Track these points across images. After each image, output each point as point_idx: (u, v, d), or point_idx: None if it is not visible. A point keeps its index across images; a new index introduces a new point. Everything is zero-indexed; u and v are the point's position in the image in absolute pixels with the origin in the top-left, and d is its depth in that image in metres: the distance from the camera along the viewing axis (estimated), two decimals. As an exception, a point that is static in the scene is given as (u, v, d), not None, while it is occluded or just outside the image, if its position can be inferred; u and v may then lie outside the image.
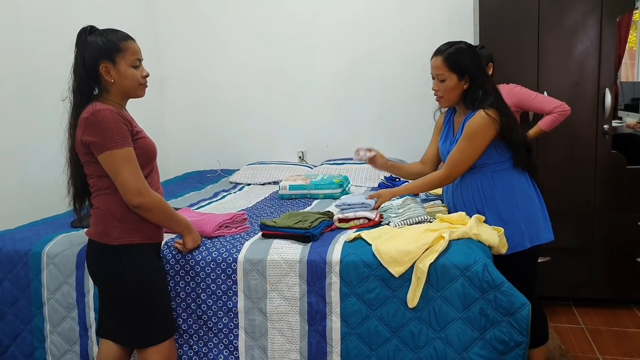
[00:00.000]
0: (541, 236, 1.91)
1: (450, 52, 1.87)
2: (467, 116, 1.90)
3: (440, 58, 1.88)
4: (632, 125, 3.36)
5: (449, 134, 2.04)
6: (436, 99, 1.97)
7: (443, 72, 1.87)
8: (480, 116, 1.83)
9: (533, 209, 1.90)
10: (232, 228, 2.00)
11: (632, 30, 3.57)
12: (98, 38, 1.58)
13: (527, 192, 1.91)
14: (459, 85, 1.88)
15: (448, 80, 1.88)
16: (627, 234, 2.76)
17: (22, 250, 1.97)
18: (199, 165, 3.80)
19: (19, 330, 1.97)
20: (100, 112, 1.51)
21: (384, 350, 1.68)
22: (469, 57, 1.87)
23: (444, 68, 1.87)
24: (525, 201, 1.89)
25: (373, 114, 3.52)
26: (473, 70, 1.87)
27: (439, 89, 1.91)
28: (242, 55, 3.65)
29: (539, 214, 1.92)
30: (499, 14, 2.77)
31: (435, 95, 1.95)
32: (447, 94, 1.91)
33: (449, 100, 1.93)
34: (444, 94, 1.91)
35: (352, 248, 1.75)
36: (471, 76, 1.87)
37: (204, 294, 1.81)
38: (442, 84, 1.89)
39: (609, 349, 2.45)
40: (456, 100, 1.93)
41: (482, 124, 1.82)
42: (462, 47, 1.89)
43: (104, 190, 1.59)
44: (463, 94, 1.90)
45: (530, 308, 1.57)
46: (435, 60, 1.90)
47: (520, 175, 1.91)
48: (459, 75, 1.87)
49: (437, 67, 1.89)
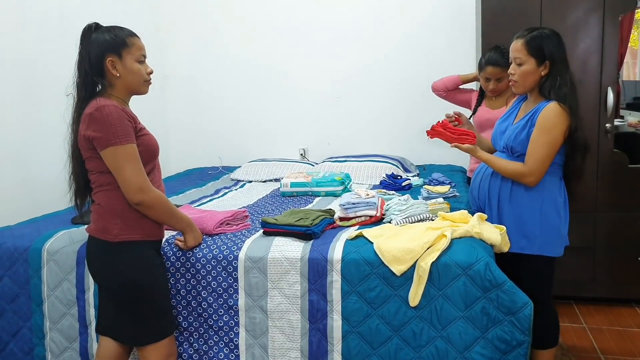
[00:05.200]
0: (552, 249, 1.85)
1: (533, 36, 1.80)
2: (539, 105, 1.82)
3: (521, 41, 1.81)
4: (634, 124, 3.35)
5: (510, 117, 1.96)
6: (510, 83, 1.89)
7: (521, 56, 1.80)
8: (555, 107, 1.75)
9: (553, 218, 1.83)
10: (233, 225, 1.99)
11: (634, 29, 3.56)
12: (104, 34, 1.58)
13: (556, 199, 1.84)
14: (536, 71, 1.80)
15: (526, 64, 1.80)
16: (629, 233, 2.75)
17: (22, 247, 1.96)
18: (201, 162, 3.79)
19: (19, 327, 1.96)
20: (104, 108, 1.51)
21: (385, 349, 1.68)
22: (552, 43, 1.79)
23: (524, 51, 1.79)
24: (549, 208, 1.83)
25: (375, 112, 3.51)
26: (555, 56, 1.78)
27: (515, 73, 1.83)
28: (243, 52, 3.65)
29: (557, 226, 1.84)
30: (501, 13, 2.75)
31: (510, 79, 1.87)
32: (523, 79, 1.82)
33: (523, 85, 1.84)
34: (519, 79, 1.82)
35: (353, 246, 1.75)
36: (552, 63, 1.79)
37: (205, 292, 1.81)
38: (518, 67, 1.82)
39: (610, 348, 2.44)
40: (531, 87, 1.84)
41: (557, 116, 1.75)
42: (547, 32, 1.82)
43: (105, 186, 1.59)
44: (540, 81, 1.82)
45: (532, 307, 1.57)
46: (515, 43, 1.83)
47: (555, 181, 1.85)
48: (539, 60, 1.79)
49: (516, 50, 1.82)
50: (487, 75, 2.45)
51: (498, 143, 1.97)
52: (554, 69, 1.79)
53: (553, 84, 1.79)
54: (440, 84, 2.77)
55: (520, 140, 1.83)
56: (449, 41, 3.31)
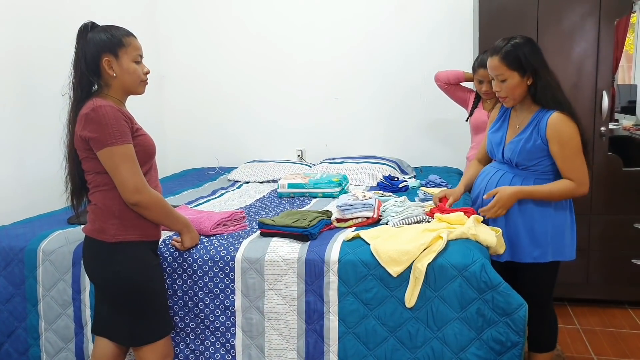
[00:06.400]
0: (565, 253, 1.85)
1: (507, 50, 1.76)
2: (537, 114, 1.80)
3: (497, 58, 1.77)
4: (628, 128, 3.38)
5: (502, 126, 1.94)
6: (500, 100, 1.86)
7: (503, 72, 1.77)
8: (560, 117, 1.74)
9: (563, 223, 1.85)
10: (230, 226, 1.99)
11: (629, 33, 3.58)
12: (101, 33, 1.58)
13: (562, 204, 1.84)
14: (522, 83, 1.77)
15: (509, 79, 1.77)
16: (623, 236, 2.77)
17: (18, 247, 1.96)
18: (198, 162, 3.79)
19: (14, 327, 1.95)
20: (100, 108, 1.50)
21: (381, 350, 1.68)
22: (527, 50, 1.75)
23: (503, 67, 1.76)
24: (557, 213, 1.83)
25: (372, 113, 3.52)
26: (534, 64, 1.75)
27: (501, 89, 1.80)
28: (241, 53, 3.65)
29: (567, 229, 1.86)
30: (497, 15, 2.77)
31: (499, 96, 1.85)
32: (511, 93, 1.79)
33: (514, 99, 1.81)
34: (508, 94, 1.80)
35: (350, 247, 1.75)
36: (534, 71, 1.76)
37: (202, 292, 1.81)
38: (503, 84, 1.79)
39: (604, 350, 2.46)
40: (522, 97, 1.82)
41: (567, 125, 1.74)
42: (519, 41, 1.77)
43: (102, 186, 1.58)
44: (528, 89, 1.80)
45: (527, 309, 1.58)
46: (492, 61, 1.79)
47: None
48: (521, 72, 1.76)
49: (495, 68, 1.78)
50: (479, 77, 2.47)
51: (495, 155, 1.96)
52: (538, 77, 1.77)
53: (545, 92, 1.77)
54: (443, 75, 2.79)
55: (527, 151, 1.81)
56: (446, 44, 3.33)
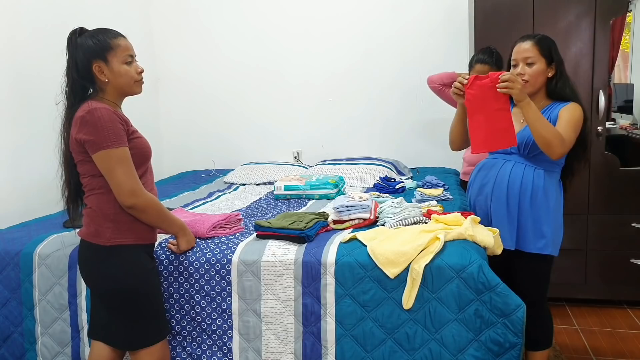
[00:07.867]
0: (557, 249, 1.90)
1: (541, 38, 1.86)
2: (551, 105, 1.88)
3: (531, 42, 1.85)
4: (625, 127, 3.39)
5: None
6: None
7: (533, 55, 1.83)
8: (577, 106, 1.83)
9: (559, 217, 1.90)
10: (227, 229, 1.98)
11: (625, 33, 3.59)
12: (88, 39, 1.57)
13: (559, 198, 1.90)
14: (545, 72, 1.85)
15: (537, 64, 1.83)
16: (620, 235, 2.77)
17: (13, 251, 1.94)
18: (194, 165, 3.78)
19: (10, 332, 1.94)
20: (96, 111, 1.50)
21: (379, 352, 1.67)
22: (555, 46, 1.86)
23: (535, 51, 1.83)
24: (557, 207, 1.89)
25: (368, 115, 3.51)
26: (559, 59, 1.86)
27: (525, 73, 1.84)
28: (236, 54, 3.64)
29: (561, 224, 1.92)
30: (493, 15, 2.77)
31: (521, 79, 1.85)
32: (534, 79, 1.84)
33: (534, 85, 1.86)
34: (530, 78, 1.84)
35: (347, 249, 1.74)
36: (558, 65, 1.85)
37: (198, 295, 1.80)
38: (529, 67, 1.84)
39: (602, 349, 2.46)
40: (540, 87, 1.88)
41: (581, 114, 1.82)
42: (548, 36, 1.88)
43: (97, 189, 1.58)
44: (546, 82, 1.87)
45: (525, 309, 1.57)
46: (525, 44, 1.86)
47: (558, 181, 1.91)
48: (548, 60, 1.84)
49: (527, 50, 1.84)
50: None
51: None
52: (560, 71, 1.86)
53: (565, 87, 1.85)
54: (436, 77, 2.81)
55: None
56: (442, 44, 3.32)
